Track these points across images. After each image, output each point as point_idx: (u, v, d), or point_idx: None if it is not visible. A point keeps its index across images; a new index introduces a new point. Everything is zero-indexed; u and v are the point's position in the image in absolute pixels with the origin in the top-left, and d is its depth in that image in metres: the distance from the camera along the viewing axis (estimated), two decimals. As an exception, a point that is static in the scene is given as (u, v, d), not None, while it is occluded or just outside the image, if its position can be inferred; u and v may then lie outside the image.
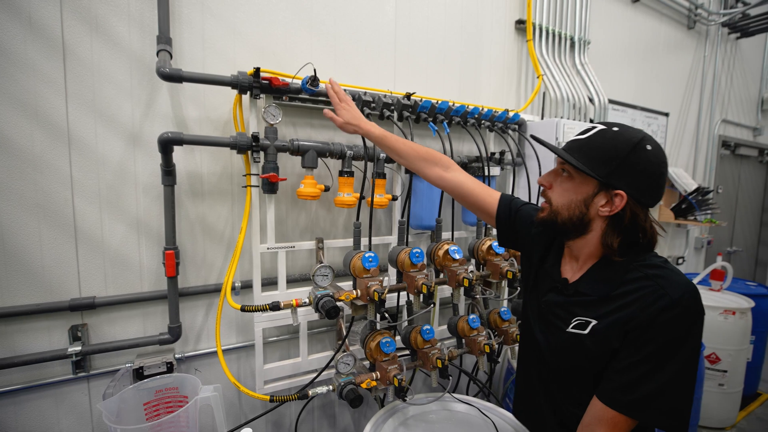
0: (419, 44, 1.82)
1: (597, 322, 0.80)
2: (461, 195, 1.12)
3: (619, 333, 0.77)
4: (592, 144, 0.81)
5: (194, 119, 1.39)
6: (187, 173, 1.40)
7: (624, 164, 0.78)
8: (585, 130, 0.85)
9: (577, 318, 0.84)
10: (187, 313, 1.45)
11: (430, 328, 1.39)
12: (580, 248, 0.88)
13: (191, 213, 1.42)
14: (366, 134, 1.16)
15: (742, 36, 3.73)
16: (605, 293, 0.81)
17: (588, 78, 2.30)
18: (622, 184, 0.78)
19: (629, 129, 0.81)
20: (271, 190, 1.36)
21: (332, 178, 1.58)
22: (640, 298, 0.76)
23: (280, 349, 1.64)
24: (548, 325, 0.90)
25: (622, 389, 0.75)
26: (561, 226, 0.86)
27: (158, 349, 1.40)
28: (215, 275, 1.49)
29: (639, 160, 0.78)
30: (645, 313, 0.74)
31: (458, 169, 1.14)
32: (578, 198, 0.83)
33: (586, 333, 0.81)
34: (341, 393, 1.20)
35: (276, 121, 1.32)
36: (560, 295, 0.89)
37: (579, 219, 0.83)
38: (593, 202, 0.82)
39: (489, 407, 1.40)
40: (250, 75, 1.28)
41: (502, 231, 1.09)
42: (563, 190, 0.86)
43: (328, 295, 1.15)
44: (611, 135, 0.80)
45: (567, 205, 0.84)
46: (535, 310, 0.96)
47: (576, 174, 0.83)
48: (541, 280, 0.96)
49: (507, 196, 1.10)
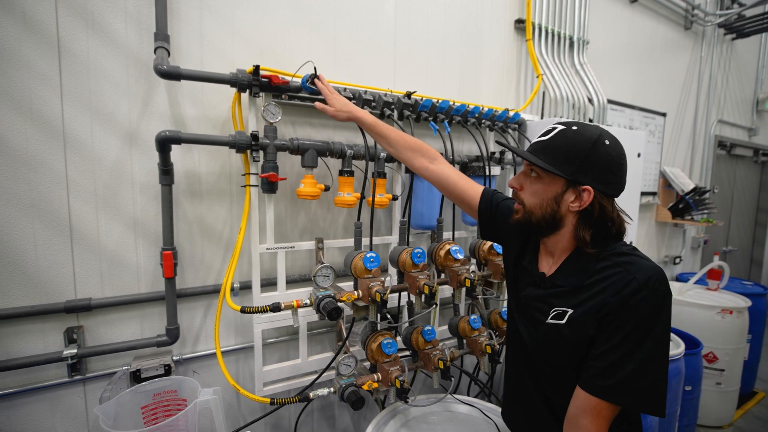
0: (419, 44, 1.81)
1: (573, 311, 0.84)
2: (445, 187, 1.15)
3: (594, 320, 0.80)
4: (555, 144, 0.85)
5: (192, 118, 1.37)
6: (185, 173, 1.37)
7: (587, 161, 0.82)
8: (546, 132, 0.89)
9: (554, 309, 0.87)
10: (185, 314, 1.43)
11: (431, 328, 1.37)
12: (554, 244, 0.92)
13: (189, 213, 1.40)
14: (359, 119, 1.19)
15: (738, 37, 3.76)
16: (579, 283, 0.85)
17: (587, 78, 2.30)
18: (588, 180, 0.82)
19: (587, 127, 0.86)
20: (271, 190, 1.34)
21: (332, 177, 1.56)
22: (611, 284, 0.79)
23: (280, 350, 1.62)
24: (529, 319, 0.94)
25: (601, 375, 0.78)
26: (536, 224, 0.89)
27: (156, 351, 1.38)
28: (214, 276, 1.47)
29: (600, 155, 0.82)
30: (616, 298, 0.77)
31: (444, 162, 1.17)
32: (549, 196, 0.87)
33: (564, 322, 0.84)
34: (342, 395, 1.18)
35: (275, 119, 1.30)
36: (538, 289, 0.93)
37: (551, 216, 0.87)
38: (563, 199, 0.86)
39: (491, 408, 1.39)
40: (249, 73, 1.26)
41: (484, 224, 1.13)
42: (534, 191, 0.89)
43: (330, 296, 1.13)
44: (571, 134, 0.84)
45: (539, 204, 0.88)
46: (517, 305, 1.00)
47: (544, 174, 0.87)
48: (521, 275, 1.00)
49: (489, 190, 1.13)
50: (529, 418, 0.98)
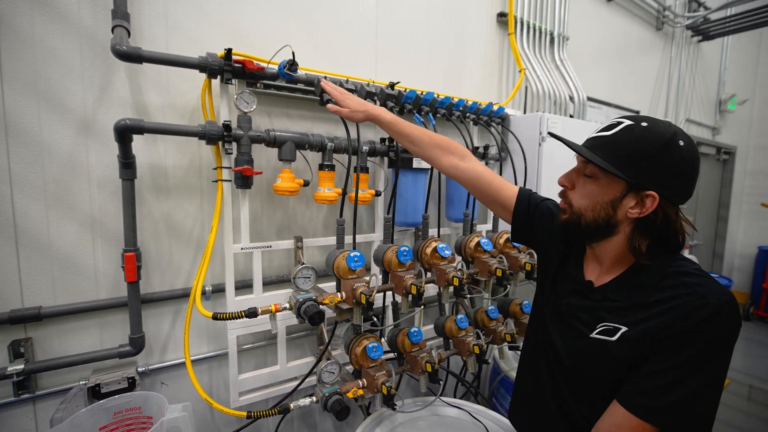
0: (401, 34, 1.74)
1: (627, 329, 0.76)
2: (477, 187, 1.06)
3: (653, 341, 0.72)
4: (619, 141, 0.75)
5: (157, 106, 1.25)
6: (150, 166, 1.25)
7: (655, 163, 0.73)
8: (610, 126, 0.79)
9: (603, 324, 0.79)
10: (151, 321, 1.31)
11: (418, 330, 1.32)
12: (604, 251, 0.83)
13: (155, 210, 1.28)
14: (376, 119, 1.10)
15: (704, 39, 3.90)
16: (639, 300, 0.76)
17: (567, 74, 2.30)
18: (654, 185, 0.73)
19: (659, 123, 0.75)
20: (245, 185, 1.24)
21: (312, 172, 1.48)
22: (677, 306, 0.72)
23: (256, 356, 1.52)
24: (568, 329, 0.86)
25: (649, 394, 0.71)
26: (585, 228, 0.81)
27: (118, 362, 1.26)
28: (183, 279, 1.36)
29: (671, 157, 0.72)
30: (684, 321, 0.70)
31: (474, 159, 1.08)
32: (604, 200, 0.78)
33: (614, 340, 0.76)
34: (326, 404, 1.11)
35: (250, 109, 1.21)
36: (584, 299, 0.85)
37: (605, 221, 0.78)
38: (621, 204, 0.77)
39: (479, 410, 1.35)
40: (220, 57, 1.16)
41: (518, 227, 1.03)
42: (587, 192, 0.80)
43: (311, 299, 1.05)
44: (640, 131, 0.74)
45: (591, 207, 0.79)
46: (553, 312, 0.91)
47: (601, 174, 0.78)
48: (561, 281, 0.91)
49: (526, 190, 1.04)
50: (541, 422, 0.93)
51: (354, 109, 1.11)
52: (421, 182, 1.57)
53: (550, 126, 1.84)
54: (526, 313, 1.64)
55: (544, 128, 1.83)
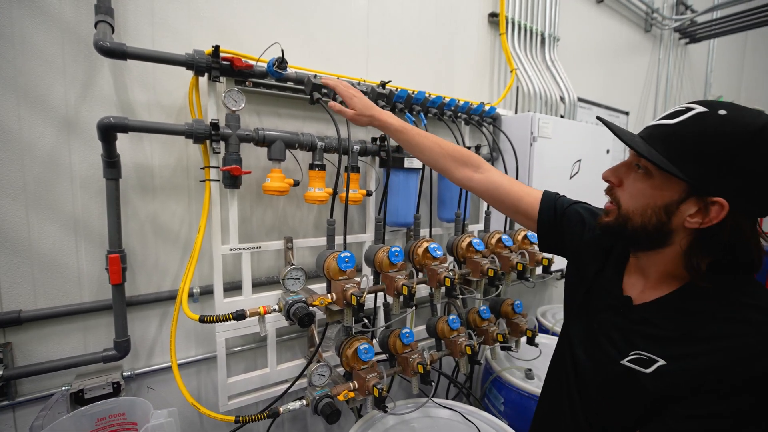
0: (392, 33, 1.73)
1: (665, 363, 0.63)
2: (496, 198, 0.97)
3: (694, 380, 0.61)
4: (686, 132, 0.61)
5: (143, 104, 1.22)
6: (135, 166, 1.23)
7: (732, 163, 0.57)
8: (676, 112, 0.63)
9: (636, 352, 0.67)
10: (137, 324, 1.28)
11: (409, 331, 1.30)
12: (651, 263, 0.70)
13: (140, 211, 1.25)
14: (382, 125, 1.03)
15: (691, 41, 3.95)
16: (687, 331, 0.63)
17: (558, 74, 2.31)
18: (725, 190, 0.58)
19: (742, 112, 0.59)
20: (234, 185, 1.22)
21: (302, 171, 1.46)
22: (735, 347, 0.59)
23: (246, 359, 1.50)
24: (598, 350, 0.74)
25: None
26: (631, 233, 0.68)
27: (102, 367, 1.22)
28: (170, 281, 1.33)
29: (756, 156, 0.56)
30: (739, 368, 0.58)
31: (490, 168, 1.00)
32: (657, 203, 0.64)
33: (648, 372, 0.64)
34: (316, 408, 1.09)
35: (238, 107, 1.18)
36: (619, 317, 0.73)
37: (656, 229, 0.65)
38: (678, 210, 0.63)
39: (472, 411, 1.34)
40: (208, 54, 1.13)
41: (545, 234, 0.92)
42: (637, 191, 0.67)
43: (301, 300, 1.03)
44: (715, 121, 0.59)
45: (641, 210, 0.66)
46: (584, 328, 0.80)
47: (657, 172, 0.64)
48: (595, 294, 0.80)
49: (551, 193, 0.93)
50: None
51: (360, 112, 1.04)
52: (413, 182, 1.56)
53: (541, 126, 1.84)
54: (517, 313, 1.64)
55: (535, 128, 1.83)
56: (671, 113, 0.64)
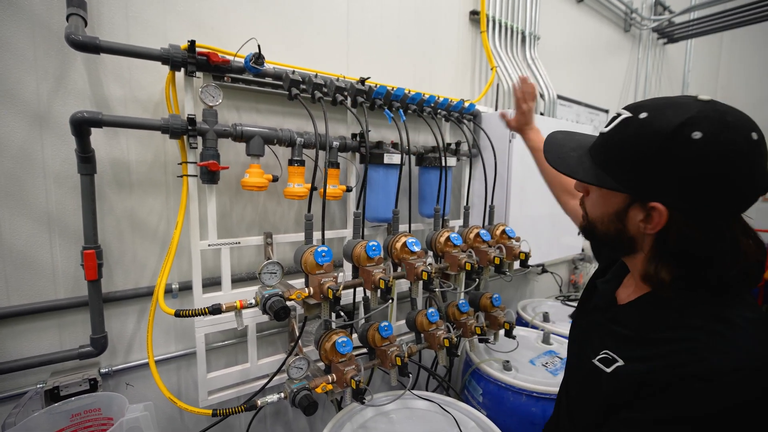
0: (373, 29, 1.74)
1: (623, 364, 0.63)
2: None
3: (637, 385, 0.59)
4: (614, 139, 0.62)
5: (118, 99, 1.21)
6: (111, 161, 1.22)
7: (659, 166, 0.56)
8: (611, 119, 0.64)
9: (605, 351, 0.67)
10: (114, 320, 1.28)
11: (388, 324, 1.33)
12: (632, 267, 0.70)
13: (117, 207, 1.25)
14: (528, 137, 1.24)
15: (669, 42, 4.05)
16: (646, 333, 0.62)
17: (538, 72, 2.36)
18: (663, 194, 0.57)
19: (664, 111, 0.57)
20: (212, 180, 1.22)
21: (281, 167, 1.46)
22: (672, 352, 0.57)
23: (227, 354, 1.50)
24: (581, 348, 0.76)
25: None
26: (600, 240, 0.71)
27: (79, 364, 1.22)
28: (148, 277, 1.32)
29: (680, 156, 0.54)
30: (668, 372, 0.56)
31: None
32: (609, 211, 0.65)
33: (608, 372, 0.64)
34: (294, 400, 1.10)
35: (215, 102, 1.18)
36: (601, 316, 0.75)
37: (617, 235, 0.65)
38: (628, 217, 0.63)
39: (449, 402, 1.38)
40: (184, 49, 1.13)
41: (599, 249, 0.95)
42: (594, 200, 0.69)
43: (277, 294, 1.04)
44: (635, 126, 0.59)
45: (600, 218, 0.68)
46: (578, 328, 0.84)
47: None
48: (591, 293, 0.82)
49: None
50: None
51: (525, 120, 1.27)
52: (392, 178, 1.57)
53: (520, 123, 1.88)
54: (496, 306, 1.68)
55: (514, 125, 1.86)
56: (609, 120, 0.65)
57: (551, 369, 1.65)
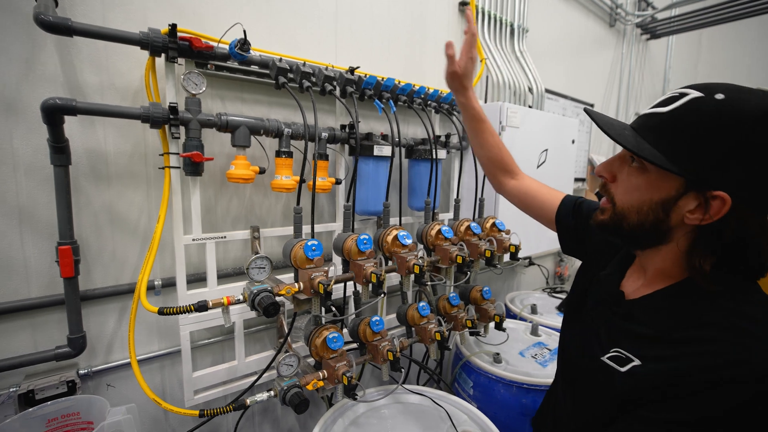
0: (362, 18, 1.70)
1: (639, 364, 0.60)
2: (524, 203, 1.04)
3: (663, 384, 0.56)
4: (680, 121, 0.55)
5: (94, 86, 1.14)
6: (87, 152, 1.15)
7: (732, 154, 0.52)
8: (669, 99, 0.58)
9: (616, 349, 0.64)
10: (94, 319, 1.22)
11: (379, 319, 1.31)
12: (649, 260, 0.66)
13: (95, 200, 1.18)
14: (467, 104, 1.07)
15: (652, 38, 4.11)
16: (665, 330, 0.59)
17: (526, 65, 2.35)
18: (726, 183, 0.53)
19: (743, 94, 0.53)
20: (195, 172, 1.17)
21: (268, 159, 1.42)
22: (707, 353, 0.54)
23: (213, 352, 1.46)
24: (587, 345, 0.73)
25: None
26: (628, 232, 0.63)
27: (56, 366, 1.16)
28: (130, 273, 1.27)
29: (760, 145, 0.51)
30: (705, 374, 0.53)
31: (524, 176, 1.07)
32: (653, 198, 0.59)
33: (623, 371, 0.61)
34: (284, 398, 1.07)
35: (199, 90, 1.13)
36: (609, 312, 0.71)
37: (653, 227, 0.60)
38: (676, 206, 0.57)
39: (441, 395, 1.37)
40: (164, 34, 1.07)
41: (565, 239, 0.94)
42: (632, 186, 0.62)
43: (266, 290, 1.01)
44: (713, 107, 0.53)
45: (637, 207, 0.61)
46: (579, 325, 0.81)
47: (651, 166, 0.59)
48: (593, 288, 0.78)
49: (571, 198, 0.94)
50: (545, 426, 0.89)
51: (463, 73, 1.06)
52: (383, 170, 1.55)
53: (510, 115, 1.87)
54: (486, 299, 1.68)
55: (504, 118, 1.86)
56: (664, 100, 0.59)
57: (541, 360, 1.67)
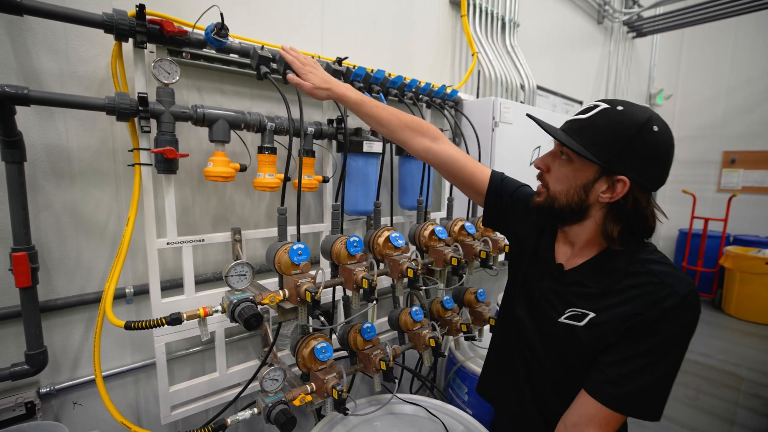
0: (349, 8, 1.61)
1: (595, 315, 0.77)
2: (450, 171, 1.04)
3: (619, 328, 0.73)
4: (595, 125, 0.75)
5: (52, 74, 1.03)
6: (46, 147, 1.04)
7: (628, 148, 0.72)
8: (586, 109, 0.78)
9: (571, 309, 0.80)
10: (57, 332, 1.11)
11: (371, 326, 1.23)
12: (576, 234, 0.83)
13: (56, 201, 1.07)
14: (340, 98, 1.03)
15: (637, 36, 4.13)
16: (608, 286, 0.77)
17: (518, 60, 2.30)
18: (625, 170, 0.73)
19: (635, 108, 0.75)
20: (169, 169, 1.07)
21: (250, 155, 1.32)
22: (645, 294, 0.73)
23: (193, 363, 1.36)
24: (540, 313, 0.86)
25: (614, 383, 0.73)
26: (558, 211, 0.81)
27: (12, 385, 1.04)
28: (97, 281, 1.16)
29: (645, 143, 0.72)
30: (652, 309, 0.71)
31: (447, 141, 1.05)
32: (577, 183, 0.78)
33: (582, 325, 0.78)
34: (269, 416, 0.99)
35: (171, 80, 1.03)
36: (555, 282, 0.85)
37: (577, 205, 0.78)
38: (593, 188, 0.76)
39: (436, 405, 1.30)
40: (131, 16, 0.97)
41: (490, 210, 1.03)
42: (561, 175, 0.80)
43: (247, 299, 0.92)
44: (615, 115, 0.74)
45: (565, 190, 0.79)
46: (525, 298, 0.92)
47: (576, 158, 0.77)
48: (533, 266, 0.92)
49: (498, 173, 1.04)
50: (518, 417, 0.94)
51: (316, 85, 1.02)
52: (373, 168, 1.47)
53: (503, 111, 1.82)
54: (480, 302, 1.61)
55: (497, 113, 1.80)
56: (583, 110, 0.79)
57: (536, 364, 1.62)
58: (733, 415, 2.53)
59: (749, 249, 4.37)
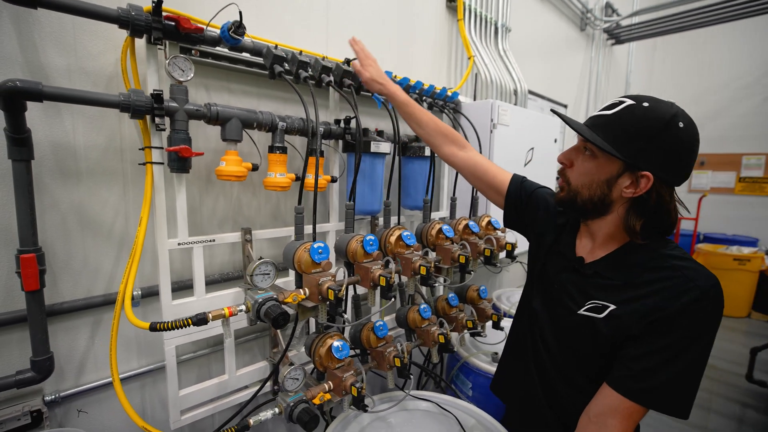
0: (353, 11, 1.63)
1: (615, 308, 0.78)
2: (475, 174, 1.13)
3: (641, 321, 0.75)
4: (620, 121, 0.76)
5: (60, 69, 1.00)
6: (52, 145, 1.00)
7: (653, 144, 0.73)
8: (611, 105, 0.79)
9: (592, 301, 0.81)
10: (62, 337, 1.07)
11: (383, 324, 1.24)
12: (598, 228, 0.85)
13: (62, 200, 1.04)
14: (390, 95, 1.16)
15: (616, 43, 4.31)
16: (629, 279, 0.78)
17: (510, 64, 2.36)
18: (650, 165, 0.74)
19: (660, 104, 0.75)
20: (182, 168, 1.05)
21: (260, 155, 1.31)
22: (667, 288, 0.74)
23: (199, 366, 1.33)
24: (558, 305, 0.88)
25: (638, 377, 0.74)
26: (581, 206, 0.83)
27: (17, 393, 1.00)
28: (103, 283, 1.13)
29: (670, 139, 0.73)
30: (674, 303, 0.72)
31: (472, 149, 1.17)
32: (600, 178, 0.79)
33: (602, 317, 0.79)
34: (291, 415, 0.98)
35: (186, 77, 1.02)
36: (575, 274, 0.87)
37: (600, 200, 0.80)
38: (617, 183, 0.78)
39: (448, 401, 1.32)
40: (147, 12, 0.95)
41: (510, 212, 1.09)
42: (585, 170, 0.81)
43: (272, 298, 0.91)
44: (641, 111, 0.74)
45: (588, 185, 0.81)
46: (544, 292, 0.94)
47: (599, 153, 0.79)
48: (552, 261, 0.94)
49: (519, 176, 1.09)
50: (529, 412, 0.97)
51: (373, 77, 1.15)
52: (379, 167, 1.48)
53: (501, 113, 1.86)
54: (483, 298, 1.65)
55: (495, 115, 1.85)
56: (608, 105, 0.79)
57: (537, 358, 1.66)
58: (709, 402, 2.67)
59: (718, 246, 4.62)
